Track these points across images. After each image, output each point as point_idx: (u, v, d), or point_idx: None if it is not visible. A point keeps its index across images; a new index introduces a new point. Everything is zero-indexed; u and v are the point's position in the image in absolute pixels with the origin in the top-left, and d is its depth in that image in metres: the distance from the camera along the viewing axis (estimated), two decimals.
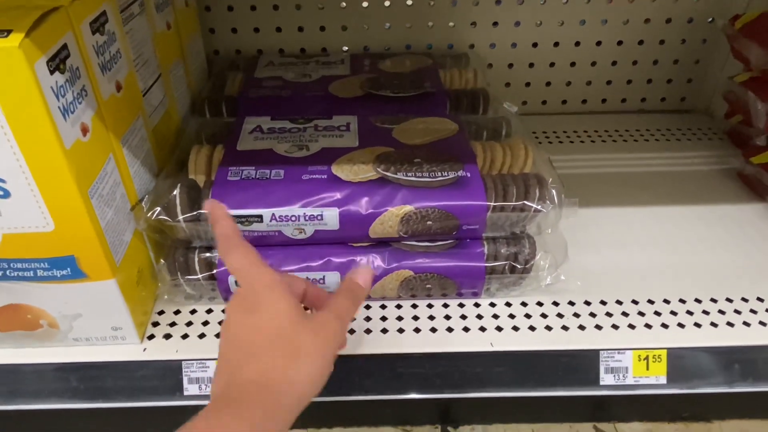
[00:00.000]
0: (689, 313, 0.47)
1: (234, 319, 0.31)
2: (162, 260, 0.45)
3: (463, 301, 0.49)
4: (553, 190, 0.44)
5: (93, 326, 0.43)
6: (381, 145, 0.48)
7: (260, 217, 0.43)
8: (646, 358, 0.44)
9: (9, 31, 0.30)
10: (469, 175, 0.45)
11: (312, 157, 0.47)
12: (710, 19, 0.72)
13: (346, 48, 0.73)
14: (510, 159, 0.49)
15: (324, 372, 0.30)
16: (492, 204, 0.44)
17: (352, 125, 0.51)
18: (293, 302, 0.31)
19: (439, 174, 0.44)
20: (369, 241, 0.46)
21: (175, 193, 0.43)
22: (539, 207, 0.44)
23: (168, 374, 0.44)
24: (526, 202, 0.44)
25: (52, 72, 0.33)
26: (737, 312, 0.47)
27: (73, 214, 0.36)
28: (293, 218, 0.43)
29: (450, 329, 0.46)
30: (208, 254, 0.45)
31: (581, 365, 0.45)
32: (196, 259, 0.45)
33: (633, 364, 0.44)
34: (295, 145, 0.48)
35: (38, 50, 0.31)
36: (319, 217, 0.43)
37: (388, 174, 0.44)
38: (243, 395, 0.28)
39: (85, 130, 0.37)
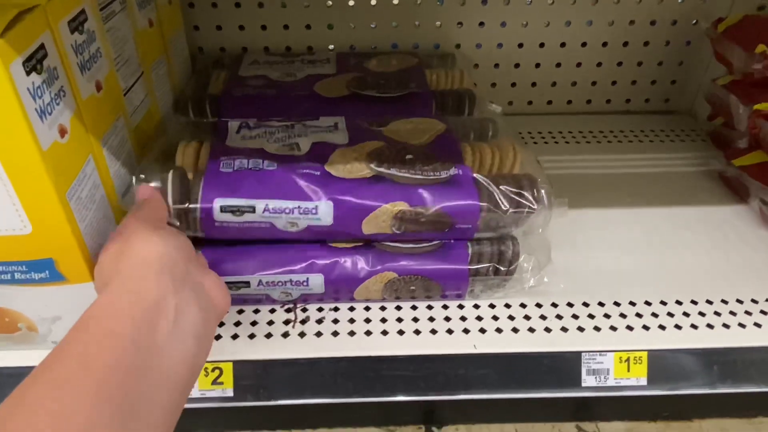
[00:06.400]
0: (670, 314, 0.48)
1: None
2: None
3: (447, 303, 0.49)
4: (543, 191, 0.45)
5: None
6: (372, 140, 0.48)
7: (253, 207, 0.42)
8: (627, 359, 0.45)
9: None
10: (461, 173, 0.45)
11: (304, 156, 0.46)
12: (694, 22, 0.72)
13: (332, 47, 0.72)
14: (498, 160, 0.49)
15: None
16: (486, 204, 0.44)
17: (339, 125, 0.51)
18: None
19: (432, 173, 0.44)
20: (362, 238, 0.45)
21: (168, 176, 0.42)
22: (532, 207, 0.44)
23: None
24: (521, 200, 0.44)
25: (28, 73, 0.32)
26: (717, 314, 0.48)
27: (51, 217, 0.35)
28: (287, 210, 0.42)
29: (434, 331, 0.46)
30: None
31: (563, 367, 0.45)
32: None
33: (614, 365, 0.45)
34: (286, 145, 0.47)
35: (13, 51, 0.31)
36: (313, 211, 0.42)
37: (382, 170, 0.44)
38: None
39: (63, 132, 0.36)
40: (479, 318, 0.48)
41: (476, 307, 0.49)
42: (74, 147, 0.37)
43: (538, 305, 0.49)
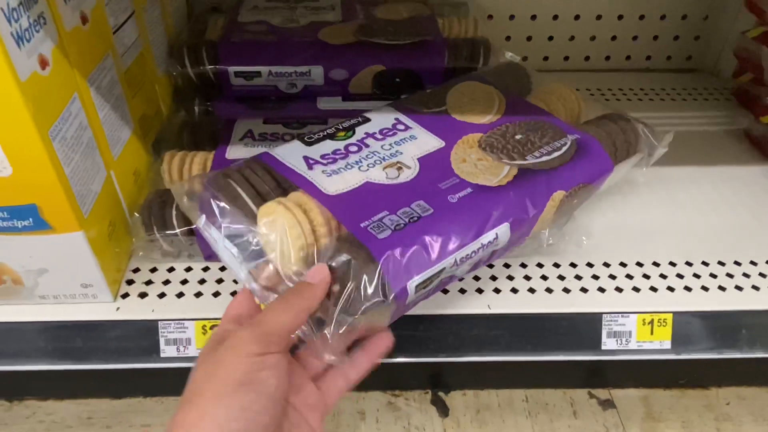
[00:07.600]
0: (696, 276, 0.45)
1: None
2: (136, 213, 0.42)
3: None
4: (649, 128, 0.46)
5: (61, 283, 0.40)
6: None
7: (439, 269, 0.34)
8: (651, 322, 0.42)
9: None
10: (579, 137, 0.42)
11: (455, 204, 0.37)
12: None
13: None
14: (567, 107, 0.47)
15: None
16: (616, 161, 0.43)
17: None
18: None
19: (561, 145, 0.41)
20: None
21: None
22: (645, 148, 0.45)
23: (143, 335, 0.41)
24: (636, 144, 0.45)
25: None
26: (746, 275, 0.45)
27: (33, 157, 0.32)
28: (471, 255, 0.35)
29: (446, 291, 0.44)
30: None
31: (582, 329, 0.43)
32: (174, 213, 0.41)
33: (637, 328, 0.42)
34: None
35: None
36: (493, 240, 0.36)
37: (523, 162, 0.40)
38: None
39: (44, 63, 0.33)
40: (493, 278, 0.45)
41: (490, 266, 0.46)
42: (57, 81, 0.34)
43: (556, 265, 0.46)
